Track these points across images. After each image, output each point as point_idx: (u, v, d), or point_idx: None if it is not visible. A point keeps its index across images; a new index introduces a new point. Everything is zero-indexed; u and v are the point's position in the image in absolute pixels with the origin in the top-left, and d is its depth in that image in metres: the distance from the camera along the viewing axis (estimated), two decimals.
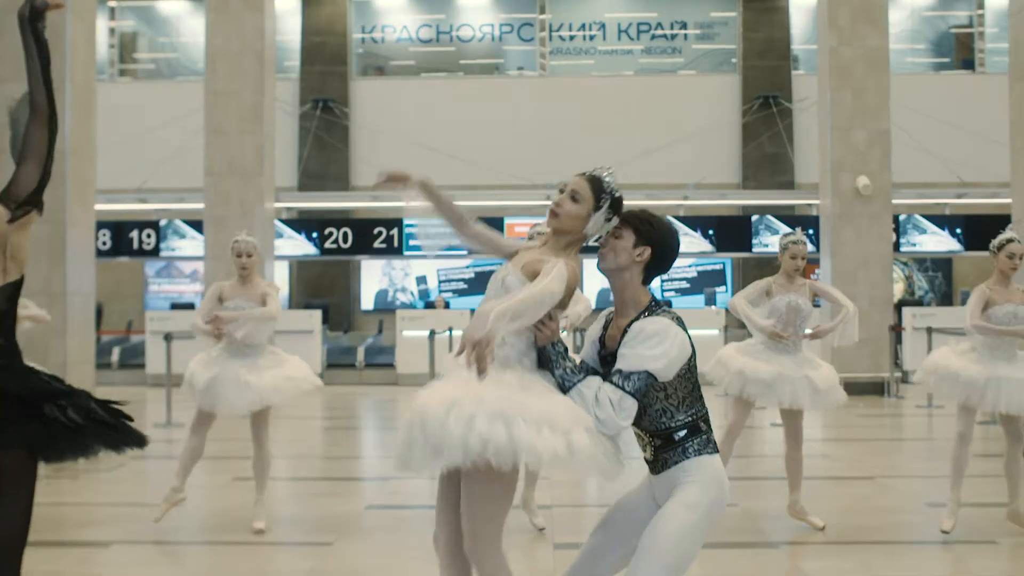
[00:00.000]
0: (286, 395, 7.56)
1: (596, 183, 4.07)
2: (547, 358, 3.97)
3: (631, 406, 3.85)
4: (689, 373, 4.00)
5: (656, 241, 4.08)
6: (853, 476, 9.73)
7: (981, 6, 26.85)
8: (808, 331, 7.58)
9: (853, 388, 17.05)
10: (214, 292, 7.52)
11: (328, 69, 25.96)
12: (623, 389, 3.86)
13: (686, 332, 3.99)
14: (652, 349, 3.89)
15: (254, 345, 7.48)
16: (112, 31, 27.20)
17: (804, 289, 7.54)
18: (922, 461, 11.00)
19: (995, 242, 7.31)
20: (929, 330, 16.59)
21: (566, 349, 4.00)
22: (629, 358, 3.89)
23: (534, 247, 4.19)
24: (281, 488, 9.90)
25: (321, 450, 12.29)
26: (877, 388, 17.36)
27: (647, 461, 4.09)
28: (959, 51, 27.17)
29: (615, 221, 4.08)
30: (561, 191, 4.09)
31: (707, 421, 4.04)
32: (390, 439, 13.49)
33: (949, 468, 7.29)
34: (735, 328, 21.29)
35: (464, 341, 3.55)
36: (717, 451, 4.02)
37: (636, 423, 4.03)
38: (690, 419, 3.98)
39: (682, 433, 3.96)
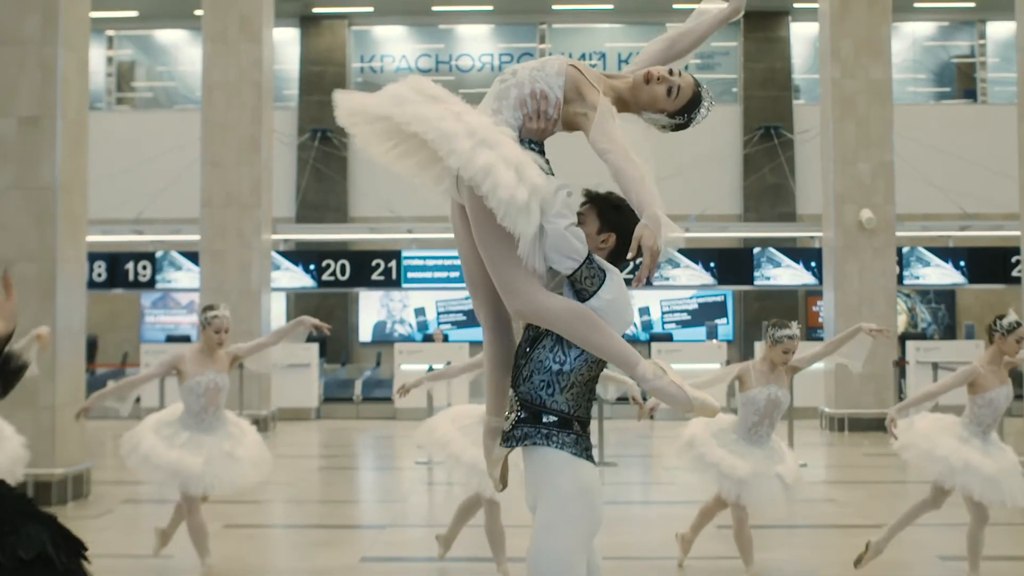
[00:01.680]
0: (262, 472, 7.35)
1: (694, 103, 3.93)
2: None
3: (579, 248, 3.63)
4: (595, 365, 3.76)
5: (622, 228, 3.85)
6: (861, 524, 9.47)
7: (983, 36, 26.74)
8: (869, 329, 7.24)
9: (858, 424, 16.86)
10: (170, 365, 7.14)
11: (327, 99, 25.39)
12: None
13: None
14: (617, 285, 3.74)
15: (217, 416, 7.21)
16: (110, 60, 27.06)
17: (783, 377, 7.17)
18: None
19: (1004, 324, 7.01)
20: (935, 366, 16.37)
21: (542, 151, 3.78)
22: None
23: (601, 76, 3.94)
24: (276, 536, 9.66)
25: (317, 493, 12.01)
26: (882, 424, 17.05)
27: (503, 432, 3.82)
28: (961, 81, 27.05)
29: (666, 132, 3.95)
30: (671, 73, 3.88)
31: (584, 424, 3.78)
32: (388, 481, 13.25)
33: (966, 546, 7.13)
34: (737, 363, 21.08)
35: (646, 247, 3.40)
36: (589, 459, 3.74)
37: (514, 386, 3.80)
38: (567, 410, 3.72)
39: (552, 419, 3.71)
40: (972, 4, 25.76)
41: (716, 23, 4.14)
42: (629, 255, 3.49)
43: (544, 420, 3.72)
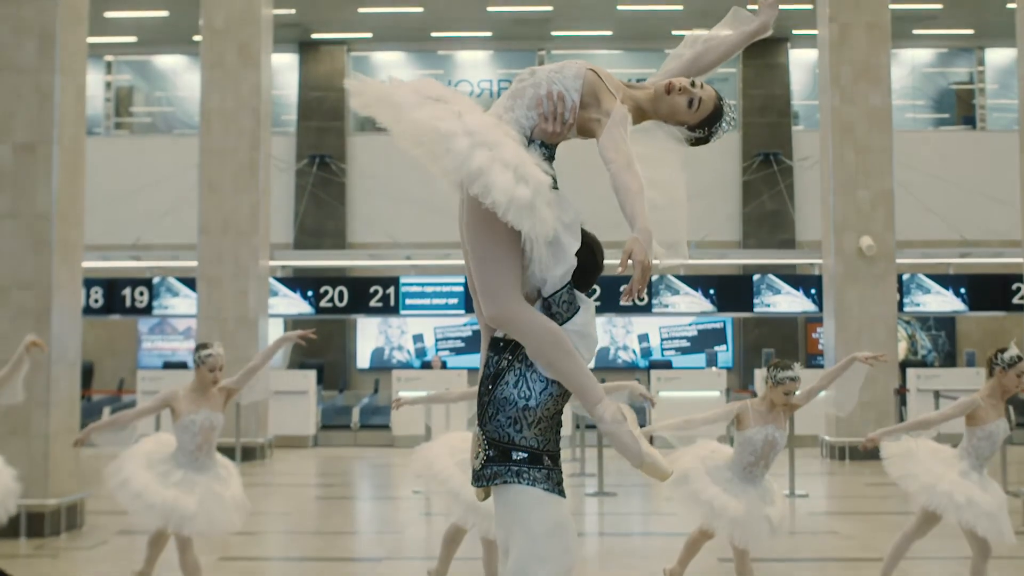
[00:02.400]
0: (242, 517, 7.20)
1: (715, 116, 3.85)
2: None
3: (571, 269, 3.59)
4: (560, 398, 3.67)
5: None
6: (864, 557, 9.35)
7: (981, 63, 26.75)
8: (864, 358, 7.17)
9: (859, 453, 16.66)
10: (164, 402, 7.04)
11: (325, 125, 25.76)
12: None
13: None
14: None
15: (210, 454, 7.09)
16: (108, 85, 27.04)
17: (781, 417, 7.04)
18: (935, 539, 10.56)
19: (1005, 358, 6.92)
20: (936, 394, 16.23)
21: (552, 156, 3.69)
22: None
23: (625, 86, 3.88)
24: (272, 569, 9.53)
25: (313, 524, 11.87)
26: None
27: (473, 471, 3.72)
28: (960, 108, 27.05)
29: (681, 145, 3.85)
30: (694, 85, 3.80)
31: (555, 458, 3.67)
32: (384, 512, 13.13)
33: None
34: (736, 392, 20.98)
35: (636, 262, 3.30)
36: (561, 493, 3.64)
37: (481, 424, 3.70)
38: (536, 445, 3.62)
39: (522, 455, 3.61)
40: (971, 31, 25.78)
41: (743, 39, 4.04)
42: (619, 270, 3.35)
43: (514, 457, 3.62)
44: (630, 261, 3.34)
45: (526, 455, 3.61)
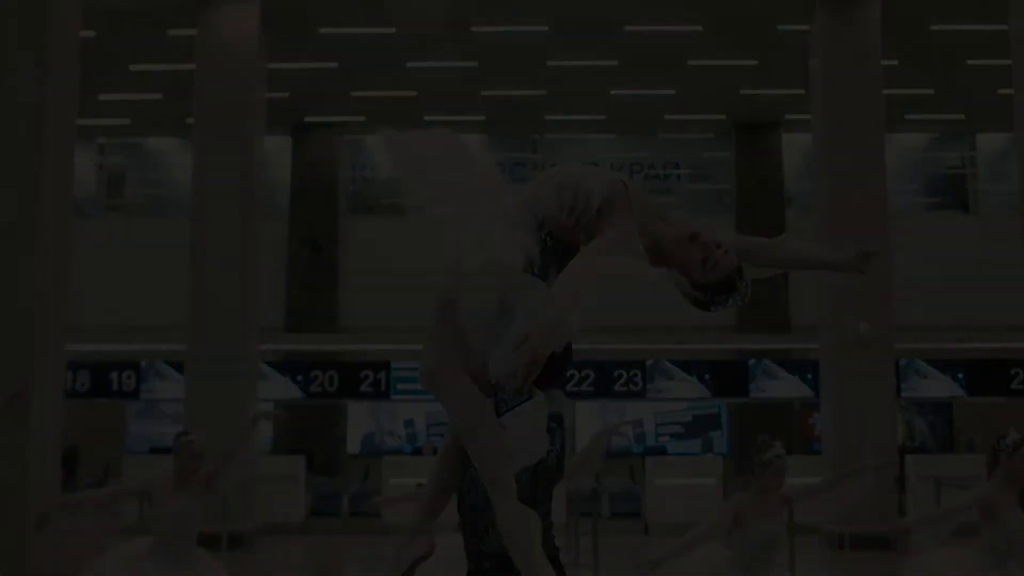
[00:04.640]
0: None
1: (725, 287, 3.63)
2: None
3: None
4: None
5: None
6: None
7: (973, 147, 26.85)
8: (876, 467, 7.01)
9: (859, 541, 16.34)
10: (141, 488, 6.87)
11: (318, 207, 25.69)
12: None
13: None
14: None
15: (190, 545, 6.86)
16: (101, 167, 27.01)
17: (776, 508, 6.79)
18: None
19: (1008, 443, 6.68)
20: (937, 481, 15.96)
21: (559, 252, 3.51)
22: None
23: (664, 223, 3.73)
24: None
25: None
26: (882, 541, 16.58)
27: None
28: (953, 192, 27.10)
29: (686, 302, 3.68)
30: (718, 246, 3.60)
31: None
32: None
33: None
34: (735, 477, 20.65)
35: (528, 346, 3.11)
36: None
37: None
38: (501, 550, 3.35)
39: (488, 564, 3.42)
40: (962, 116, 25.89)
41: (817, 261, 4.02)
42: (511, 346, 3.19)
43: (484, 566, 3.46)
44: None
45: (490, 564, 3.44)
